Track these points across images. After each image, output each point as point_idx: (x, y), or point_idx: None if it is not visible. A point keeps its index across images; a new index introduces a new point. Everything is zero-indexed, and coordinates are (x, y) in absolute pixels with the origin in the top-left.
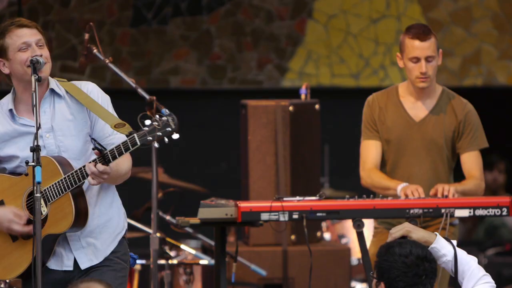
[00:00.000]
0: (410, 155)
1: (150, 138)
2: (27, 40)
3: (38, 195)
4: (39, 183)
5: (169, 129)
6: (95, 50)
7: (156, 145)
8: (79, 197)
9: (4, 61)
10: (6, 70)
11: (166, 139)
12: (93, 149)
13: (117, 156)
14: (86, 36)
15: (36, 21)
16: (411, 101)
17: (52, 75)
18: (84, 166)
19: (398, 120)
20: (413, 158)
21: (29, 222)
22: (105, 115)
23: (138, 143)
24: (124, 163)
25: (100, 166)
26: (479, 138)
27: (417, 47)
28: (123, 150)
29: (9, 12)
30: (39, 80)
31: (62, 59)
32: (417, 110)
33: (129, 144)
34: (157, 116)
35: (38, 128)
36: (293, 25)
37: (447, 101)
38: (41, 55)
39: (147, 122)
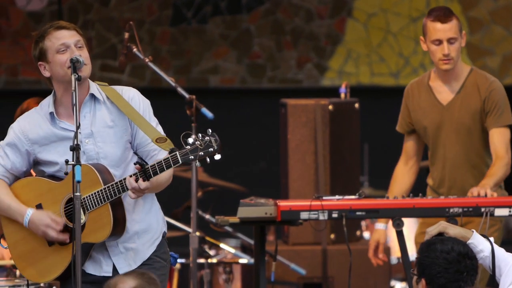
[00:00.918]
0: (443, 139)
1: (192, 157)
2: (65, 42)
3: (78, 194)
4: (79, 182)
5: (211, 149)
6: (135, 49)
7: (197, 164)
8: (118, 206)
9: (44, 64)
10: (46, 74)
11: (207, 159)
12: (134, 163)
13: (158, 172)
14: (126, 35)
15: (76, 20)
16: (439, 84)
17: (92, 74)
18: (125, 179)
19: (429, 105)
20: (446, 142)
21: (65, 229)
22: (146, 127)
23: (180, 161)
24: (164, 173)
25: (142, 184)
26: (504, 115)
27: (438, 29)
28: (165, 167)
29: (49, 11)
30: (79, 79)
31: (102, 58)
32: (445, 93)
33: (171, 161)
34: (200, 135)
35: (78, 126)
36: (332, 24)
37: (474, 81)
38: (80, 56)
39: (190, 140)
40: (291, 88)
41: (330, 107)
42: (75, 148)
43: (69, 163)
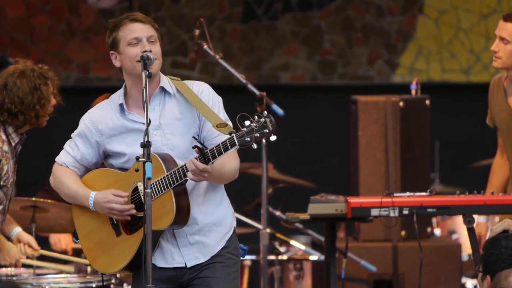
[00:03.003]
0: (511, 142)
1: (248, 139)
2: (138, 35)
3: (149, 190)
4: (149, 178)
5: (266, 130)
6: (205, 46)
7: (254, 146)
8: (181, 194)
9: (116, 54)
10: (117, 63)
11: (263, 141)
12: (193, 147)
13: (217, 156)
14: (197, 32)
15: None
16: (510, 86)
17: (163, 71)
18: (185, 164)
19: (499, 105)
20: None
21: (132, 218)
22: (209, 114)
23: (237, 144)
24: (229, 163)
25: (200, 164)
26: None
27: (498, 26)
28: (222, 150)
29: (120, 8)
30: (149, 76)
31: (172, 55)
32: None
33: (228, 144)
34: (256, 117)
35: (149, 124)
36: (403, 20)
37: None
38: (150, 51)
39: (246, 122)
40: (361, 84)
41: (401, 103)
42: (146, 145)
43: (139, 160)
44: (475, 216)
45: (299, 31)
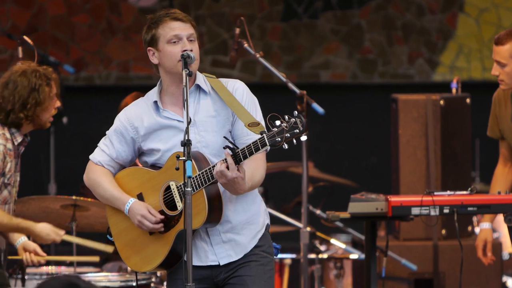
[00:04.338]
0: None
1: (279, 139)
2: (178, 33)
3: (189, 189)
4: (189, 177)
5: (297, 130)
6: (245, 45)
7: (285, 146)
8: (213, 193)
9: (154, 51)
10: (155, 60)
11: (294, 141)
12: (224, 147)
13: (248, 156)
14: (237, 30)
15: None
16: None
17: (203, 70)
18: (215, 165)
19: (505, 116)
20: None
21: (161, 220)
22: (242, 112)
23: (267, 144)
24: (258, 171)
25: (228, 174)
26: None
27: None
28: (253, 150)
29: (160, 7)
30: (190, 74)
31: (213, 53)
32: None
33: (259, 144)
34: (286, 117)
35: (189, 122)
36: (444, 18)
37: None
38: (191, 50)
39: (277, 123)
40: (402, 83)
41: (442, 102)
42: (186, 144)
43: (180, 158)
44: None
45: (339, 29)
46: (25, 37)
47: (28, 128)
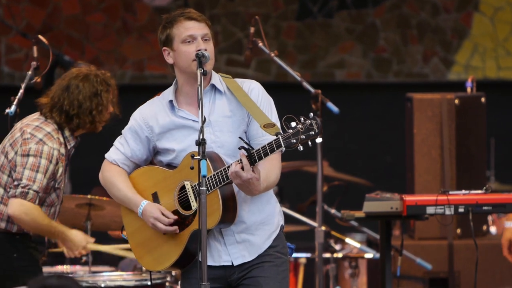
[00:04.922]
0: None
1: (294, 140)
2: (193, 33)
3: (204, 188)
4: (204, 176)
5: (312, 132)
6: (260, 44)
7: (300, 148)
8: (228, 193)
9: (169, 51)
10: (170, 60)
11: (309, 143)
12: (239, 148)
13: (263, 157)
14: (252, 29)
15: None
16: None
17: (218, 69)
18: (230, 165)
19: None
20: None
21: (175, 222)
22: (257, 113)
23: (283, 145)
24: (273, 171)
25: (243, 174)
26: None
27: None
28: (268, 151)
29: (175, 6)
30: (204, 74)
31: (227, 52)
32: None
33: (274, 146)
34: (302, 118)
35: (204, 121)
36: (459, 17)
37: None
38: (205, 49)
39: (292, 124)
40: (417, 82)
41: (456, 101)
42: (201, 143)
43: (194, 157)
44: (510, 221)
45: (354, 28)
46: (40, 36)
47: (81, 131)
